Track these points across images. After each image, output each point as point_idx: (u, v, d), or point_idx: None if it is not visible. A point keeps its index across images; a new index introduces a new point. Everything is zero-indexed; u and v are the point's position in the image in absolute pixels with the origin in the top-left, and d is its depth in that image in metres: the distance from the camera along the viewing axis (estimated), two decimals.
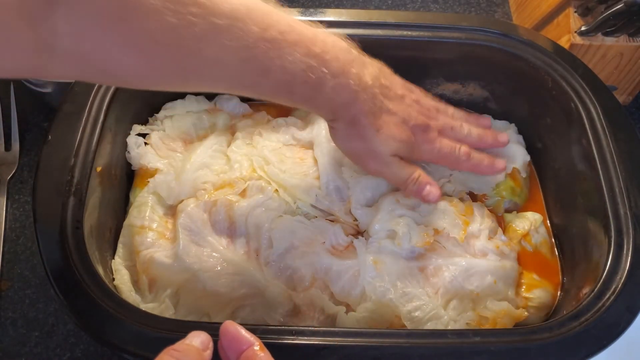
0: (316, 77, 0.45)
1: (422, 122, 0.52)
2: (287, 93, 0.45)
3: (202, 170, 0.55)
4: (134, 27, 0.36)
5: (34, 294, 0.56)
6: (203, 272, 0.50)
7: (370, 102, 0.48)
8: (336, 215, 0.54)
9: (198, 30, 0.39)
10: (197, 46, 0.39)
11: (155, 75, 0.41)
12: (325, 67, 0.45)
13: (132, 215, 0.54)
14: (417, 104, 0.53)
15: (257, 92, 0.46)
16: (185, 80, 0.43)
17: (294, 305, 0.49)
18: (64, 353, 0.53)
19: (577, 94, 0.55)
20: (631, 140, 0.52)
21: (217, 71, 0.42)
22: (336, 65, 0.46)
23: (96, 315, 0.42)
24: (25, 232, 0.59)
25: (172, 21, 0.37)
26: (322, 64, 0.45)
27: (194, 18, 0.38)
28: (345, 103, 0.47)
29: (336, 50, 0.46)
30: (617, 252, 0.46)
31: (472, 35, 0.59)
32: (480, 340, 0.41)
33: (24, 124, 0.66)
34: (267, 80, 0.43)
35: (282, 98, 0.46)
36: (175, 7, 0.37)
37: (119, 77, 0.40)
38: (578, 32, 0.63)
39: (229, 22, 0.40)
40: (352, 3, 0.80)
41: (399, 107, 0.51)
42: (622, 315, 0.43)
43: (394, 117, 0.50)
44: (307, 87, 0.45)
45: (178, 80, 0.43)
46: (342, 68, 0.46)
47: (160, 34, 0.37)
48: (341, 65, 0.46)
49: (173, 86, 0.47)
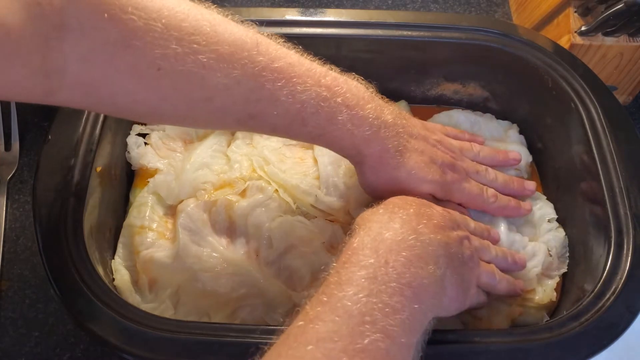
0: (328, 107, 0.43)
1: (450, 162, 0.50)
2: (300, 124, 0.43)
3: (202, 170, 0.55)
4: (138, 55, 0.37)
5: (33, 294, 0.56)
6: (203, 272, 0.50)
7: (394, 140, 0.46)
8: (336, 215, 0.54)
9: (202, 58, 0.39)
10: (200, 73, 0.39)
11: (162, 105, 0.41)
12: (338, 97, 0.43)
13: (132, 215, 0.54)
14: (441, 144, 0.52)
15: (269, 123, 0.43)
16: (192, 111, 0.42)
17: (294, 305, 0.49)
18: (64, 353, 0.53)
19: (577, 94, 0.55)
20: (631, 140, 0.52)
21: (223, 101, 0.41)
22: (350, 97, 0.44)
23: (96, 315, 0.42)
24: (25, 232, 0.59)
25: (176, 49, 0.38)
26: (334, 95, 0.43)
27: (197, 46, 0.38)
28: (366, 137, 0.45)
29: (349, 85, 0.45)
30: (617, 252, 0.46)
31: (472, 35, 0.59)
32: (480, 340, 0.41)
33: (24, 124, 0.66)
34: (276, 110, 0.42)
35: (296, 130, 0.44)
36: (179, 34, 0.38)
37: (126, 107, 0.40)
38: (578, 32, 0.63)
39: (234, 51, 0.40)
40: (352, 3, 0.80)
41: (425, 146, 0.49)
42: (622, 315, 0.43)
43: (422, 157, 0.48)
44: (320, 118, 0.43)
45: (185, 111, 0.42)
46: (356, 101, 0.44)
47: (164, 62, 0.38)
48: (356, 98, 0.44)
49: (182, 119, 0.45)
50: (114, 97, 0.39)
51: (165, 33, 0.37)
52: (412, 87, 0.64)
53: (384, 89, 0.54)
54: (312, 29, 0.58)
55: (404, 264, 0.37)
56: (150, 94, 0.39)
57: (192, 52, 0.38)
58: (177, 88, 0.40)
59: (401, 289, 0.36)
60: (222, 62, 0.40)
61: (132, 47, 0.36)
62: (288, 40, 0.45)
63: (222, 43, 0.40)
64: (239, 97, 0.41)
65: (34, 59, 0.33)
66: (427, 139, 0.50)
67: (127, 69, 0.37)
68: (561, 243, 0.54)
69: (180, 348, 0.40)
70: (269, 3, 0.79)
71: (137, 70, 0.38)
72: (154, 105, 0.40)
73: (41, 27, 0.33)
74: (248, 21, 0.43)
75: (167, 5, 0.38)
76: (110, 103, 0.40)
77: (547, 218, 0.55)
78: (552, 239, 0.54)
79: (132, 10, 0.36)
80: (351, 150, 0.46)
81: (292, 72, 0.42)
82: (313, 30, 0.58)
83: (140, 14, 0.36)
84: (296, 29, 0.58)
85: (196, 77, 0.39)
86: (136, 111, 0.42)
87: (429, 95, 0.65)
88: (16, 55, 0.32)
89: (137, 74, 0.38)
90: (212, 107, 0.42)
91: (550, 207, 0.56)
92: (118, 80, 0.38)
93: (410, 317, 0.35)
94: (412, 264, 0.37)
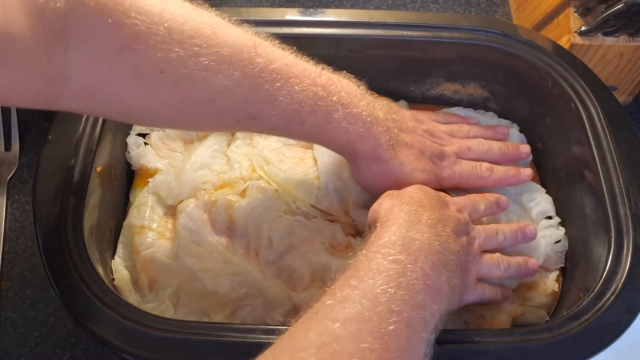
0: (324, 106, 0.45)
1: (438, 151, 0.53)
2: (298, 124, 0.45)
3: (202, 170, 0.55)
4: (141, 58, 0.37)
5: (33, 294, 0.56)
6: (203, 272, 0.50)
7: (386, 134, 0.48)
8: (335, 215, 0.54)
9: (203, 60, 0.39)
10: (202, 75, 0.40)
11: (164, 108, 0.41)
12: (333, 96, 0.45)
13: (132, 215, 0.54)
14: (429, 133, 0.54)
15: (268, 123, 0.45)
16: (194, 113, 0.43)
17: (294, 305, 0.49)
18: (64, 353, 0.53)
19: (577, 94, 0.55)
20: (631, 141, 0.52)
21: (224, 102, 0.42)
22: (345, 95, 0.46)
23: (96, 315, 0.42)
24: (25, 232, 0.59)
25: (178, 52, 0.38)
26: (329, 94, 0.45)
27: (198, 49, 0.39)
28: (360, 134, 0.47)
29: (342, 84, 0.47)
30: (617, 252, 0.46)
31: (472, 35, 0.59)
32: (480, 340, 0.41)
33: (24, 124, 0.66)
34: (275, 110, 0.43)
35: (294, 129, 0.46)
36: (181, 38, 0.38)
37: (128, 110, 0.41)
38: (578, 32, 0.63)
39: (233, 53, 0.41)
40: (352, 3, 0.80)
41: (414, 138, 0.52)
42: (622, 315, 0.43)
43: (412, 150, 0.51)
44: (317, 117, 0.45)
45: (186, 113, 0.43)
46: (350, 99, 0.46)
47: (167, 65, 0.38)
48: (349, 96, 0.46)
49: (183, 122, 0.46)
50: (116, 101, 0.39)
51: (168, 37, 0.38)
52: (412, 87, 0.64)
53: (384, 89, 0.54)
54: (312, 29, 0.58)
55: (431, 267, 0.40)
56: (153, 97, 0.40)
57: (194, 54, 0.39)
58: (180, 90, 0.40)
59: (425, 288, 0.38)
60: (222, 64, 0.40)
61: (135, 51, 0.37)
62: (288, 40, 0.46)
63: (223, 45, 0.40)
64: (239, 98, 0.42)
65: (38, 66, 0.34)
66: (415, 130, 0.53)
67: (130, 72, 0.38)
68: (559, 240, 0.54)
69: (180, 348, 0.40)
70: (269, 3, 0.79)
71: (141, 73, 0.38)
72: (157, 108, 0.41)
73: (45, 33, 0.33)
74: (244, 23, 0.44)
75: (168, 9, 0.38)
76: (113, 107, 0.40)
77: (546, 215, 0.56)
78: (549, 235, 0.54)
79: (135, 15, 0.36)
80: (346, 147, 0.48)
81: (290, 73, 0.43)
82: (313, 30, 0.58)
83: (143, 18, 0.37)
84: (296, 29, 0.58)
85: (198, 79, 0.40)
86: (138, 115, 0.42)
87: (428, 95, 0.65)
88: (21, 63, 0.32)
89: (141, 78, 0.38)
90: (213, 109, 0.42)
91: (548, 203, 0.57)
92: (121, 84, 0.38)
93: (429, 316, 0.38)
94: (437, 269, 0.40)
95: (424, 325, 0.37)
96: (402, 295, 0.37)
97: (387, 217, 0.43)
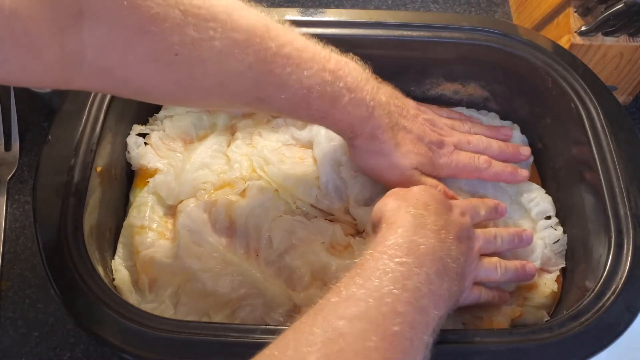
0: (332, 91, 0.46)
1: (437, 139, 0.54)
2: (304, 107, 0.46)
3: (202, 170, 0.55)
4: (156, 40, 0.37)
5: (34, 294, 0.56)
6: (203, 272, 0.50)
7: (386, 118, 0.49)
8: (335, 215, 0.54)
9: (218, 44, 0.40)
10: (217, 59, 0.40)
11: (176, 89, 0.41)
12: (340, 81, 0.46)
13: (132, 215, 0.54)
14: (430, 122, 0.55)
15: (275, 106, 0.46)
16: (205, 95, 0.43)
17: (294, 305, 0.49)
18: (64, 353, 0.53)
19: (577, 94, 0.55)
20: (631, 141, 0.52)
21: (235, 85, 0.43)
22: (351, 80, 0.47)
23: (96, 315, 0.42)
24: (25, 232, 0.59)
25: (193, 35, 0.38)
26: (337, 79, 0.46)
27: (213, 32, 0.39)
28: (362, 117, 0.48)
29: (349, 68, 0.47)
30: (617, 252, 0.46)
31: (472, 35, 0.59)
32: (480, 340, 0.41)
33: (24, 124, 0.66)
34: (284, 94, 0.44)
35: (300, 112, 0.47)
36: (196, 21, 0.38)
37: (140, 90, 0.41)
38: (578, 32, 0.63)
39: (247, 37, 0.41)
40: (352, 3, 0.80)
41: (413, 125, 0.52)
42: (622, 315, 0.43)
43: (409, 135, 0.51)
44: (324, 101, 0.46)
45: (198, 94, 0.43)
46: (356, 84, 0.47)
47: (182, 47, 0.38)
48: (356, 81, 0.47)
49: (193, 101, 0.47)
50: (130, 81, 0.39)
51: (183, 20, 0.38)
52: (412, 87, 0.64)
53: None
54: (312, 29, 0.58)
55: (435, 273, 0.40)
56: (166, 78, 0.40)
57: (209, 38, 0.39)
58: (193, 73, 0.40)
59: (429, 293, 0.39)
60: (236, 48, 0.41)
61: (151, 33, 0.37)
62: None
63: (237, 30, 0.41)
64: (250, 82, 0.43)
65: (52, 49, 0.34)
66: (416, 118, 0.53)
67: (145, 54, 0.38)
68: (558, 240, 0.54)
69: (180, 348, 0.40)
70: (268, 3, 0.79)
71: (155, 56, 0.38)
72: (169, 89, 0.41)
73: (58, 16, 0.33)
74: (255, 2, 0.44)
75: None
76: (126, 87, 0.41)
77: (545, 215, 0.56)
78: (547, 236, 0.54)
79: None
80: (347, 129, 0.49)
81: (300, 58, 0.44)
82: (313, 30, 0.58)
83: (159, 1, 0.37)
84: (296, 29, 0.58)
85: (211, 63, 0.40)
86: (151, 95, 0.43)
87: (428, 95, 0.64)
88: (35, 48, 0.32)
89: (155, 60, 0.38)
90: (224, 91, 0.43)
91: (548, 203, 0.57)
92: (135, 65, 0.38)
93: (431, 320, 0.38)
94: (440, 275, 0.41)
95: (425, 328, 0.37)
96: (407, 297, 0.37)
97: (393, 219, 0.43)
